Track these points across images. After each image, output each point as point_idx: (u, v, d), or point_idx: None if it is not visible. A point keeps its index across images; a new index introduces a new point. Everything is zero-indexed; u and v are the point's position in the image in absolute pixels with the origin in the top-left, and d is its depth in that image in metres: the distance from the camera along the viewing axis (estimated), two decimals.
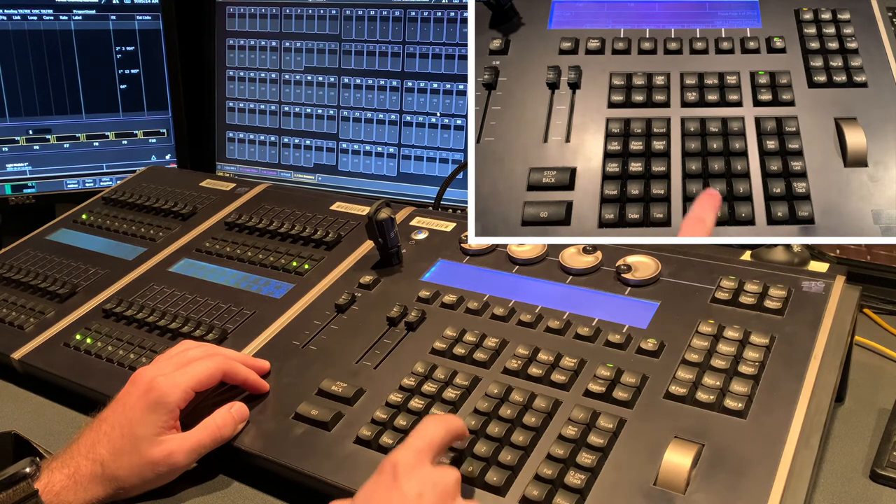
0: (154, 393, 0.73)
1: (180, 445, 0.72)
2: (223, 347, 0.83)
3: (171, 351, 0.79)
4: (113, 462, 0.71)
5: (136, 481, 0.71)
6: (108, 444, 0.71)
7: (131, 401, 0.73)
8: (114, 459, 0.71)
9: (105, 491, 0.71)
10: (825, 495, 0.69)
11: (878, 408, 0.81)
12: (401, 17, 1.33)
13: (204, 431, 0.73)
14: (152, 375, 0.74)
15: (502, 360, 0.76)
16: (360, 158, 1.39)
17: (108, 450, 0.71)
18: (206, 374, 0.75)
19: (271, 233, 1.06)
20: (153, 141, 1.49)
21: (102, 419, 0.74)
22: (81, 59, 1.42)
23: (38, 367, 0.91)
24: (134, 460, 0.71)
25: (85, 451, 0.72)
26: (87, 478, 0.71)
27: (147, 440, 0.71)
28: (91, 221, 1.20)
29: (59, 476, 0.70)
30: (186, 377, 0.74)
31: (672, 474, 0.62)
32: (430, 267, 0.92)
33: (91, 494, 0.70)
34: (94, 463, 0.71)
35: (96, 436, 0.72)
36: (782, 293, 0.76)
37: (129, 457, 0.71)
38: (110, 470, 0.70)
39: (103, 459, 0.71)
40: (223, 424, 0.74)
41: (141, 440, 0.71)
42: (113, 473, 0.70)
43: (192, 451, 0.72)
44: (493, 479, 0.64)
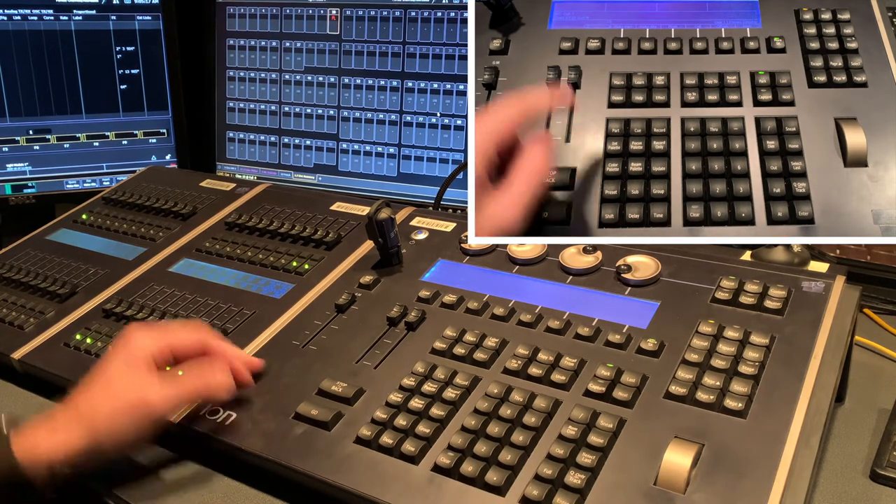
0: (131, 344, 0.73)
1: (159, 390, 0.70)
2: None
3: None
4: (87, 403, 0.69)
5: (113, 427, 0.68)
6: (84, 391, 0.71)
7: (108, 355, 0.74)
8: (88, 400, 0.70)
9: (80, 433, 0.68)
10: (825, 495, 0.69)
11: (878, 408, 0.81)
12: (401, 17, 1.33)
13: (189, 382, 0.73)
14: (130, 332, 0.75)
15: (502, 360, 0.76)
16: (360, 158, 1.39)
17: (84, 395, 0.70)
18: (185, 334, 0.75)
19: (271, 233, 1.06)
20: (153, 141, 1.49)
21: (84, 378, 0.73)
22: (81, 59, 1.42)
23: (38, 367, 0.91)
24: (109, 401, 0.69)
25: (62, 402, 0.71)
26: (61, 419, 0.69)
27: (122, 381, 0.70)
28: (91, 221, 1.20)
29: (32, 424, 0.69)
30: (164, 333, 0.74)
31: (672, 474, 0.62)
32: (430, 267, 0.92)
33: (66, 436, 0.68)
34: (69, 407, 0.70)
35: (75, 390, 0.72)
36: (782, 293, 0.76)
37: (104, 398, 0.69)
38: (85, 411, 0.69)
39: (78, 403, 0.70)
40: (215, 381, 0.74)
41: (116, 381, 0.70)
42: (88, 414, 0.69)
43: (170, 398, 0.71)
44: (493, 479, 0.64)
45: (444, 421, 0.70)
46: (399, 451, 0.69)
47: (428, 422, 0.70)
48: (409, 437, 0.69)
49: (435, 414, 0.71)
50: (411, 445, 0.68)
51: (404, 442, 0.69)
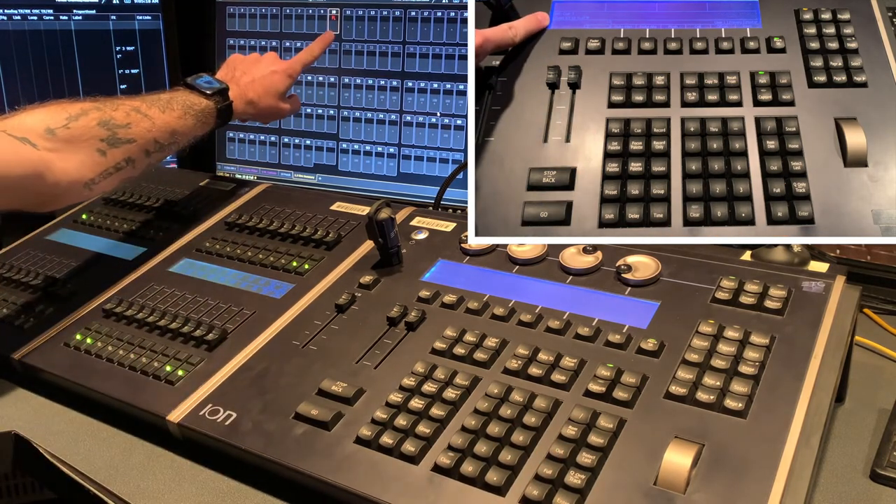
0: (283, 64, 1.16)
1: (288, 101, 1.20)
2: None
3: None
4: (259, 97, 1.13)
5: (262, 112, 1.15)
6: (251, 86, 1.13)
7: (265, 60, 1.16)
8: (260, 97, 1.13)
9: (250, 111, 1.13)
10: (825, 495, 0.69)
11: (878, 408, 0.81)
12: (401, 17, 1.33)
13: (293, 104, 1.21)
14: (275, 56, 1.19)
15: (502, 360, 0.76)
16: (360, 158, 1.39)
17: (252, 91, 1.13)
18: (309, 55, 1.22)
19: (271, 233, 1.06)
20: None
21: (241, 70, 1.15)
22: (81, 59, 1.42)
23: (38, 367, 0.91)
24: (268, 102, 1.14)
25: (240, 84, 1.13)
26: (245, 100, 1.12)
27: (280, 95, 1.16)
28: (91, 221, 1.20)
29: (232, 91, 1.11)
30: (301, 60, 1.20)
31: (672, 474, 0.62)
32: (430, 267, 0.92)
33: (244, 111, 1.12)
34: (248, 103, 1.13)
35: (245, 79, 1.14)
36: (782, 293, 0.76)
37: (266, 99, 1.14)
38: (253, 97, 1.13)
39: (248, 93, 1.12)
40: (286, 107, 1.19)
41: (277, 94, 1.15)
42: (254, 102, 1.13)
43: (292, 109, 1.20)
44: (493, 479, 0.64)
45: (445, 421, 0.70)
46: (399, 451, 0.69)
47: (428, 422, 0.70)
48: (410, 437, 0.69)
49: (435, 414, 0.71)
50: (411, 445, 0.68)
51: (404, 442, 0.69)
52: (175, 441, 0.80)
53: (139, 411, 0.82)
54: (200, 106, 1.05)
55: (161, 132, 0.99)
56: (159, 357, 0.87)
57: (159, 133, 0.99)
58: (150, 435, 0.81)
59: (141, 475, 0.76)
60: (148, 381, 0.84)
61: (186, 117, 1.03)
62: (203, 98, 1.06)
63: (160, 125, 0.99)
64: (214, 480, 0.75)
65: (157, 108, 1.00)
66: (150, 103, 1.00)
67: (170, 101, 1.02)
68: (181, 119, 1.02)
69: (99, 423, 0.85)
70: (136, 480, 0.75)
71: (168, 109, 1.01)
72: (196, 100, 1.05)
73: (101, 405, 0.86)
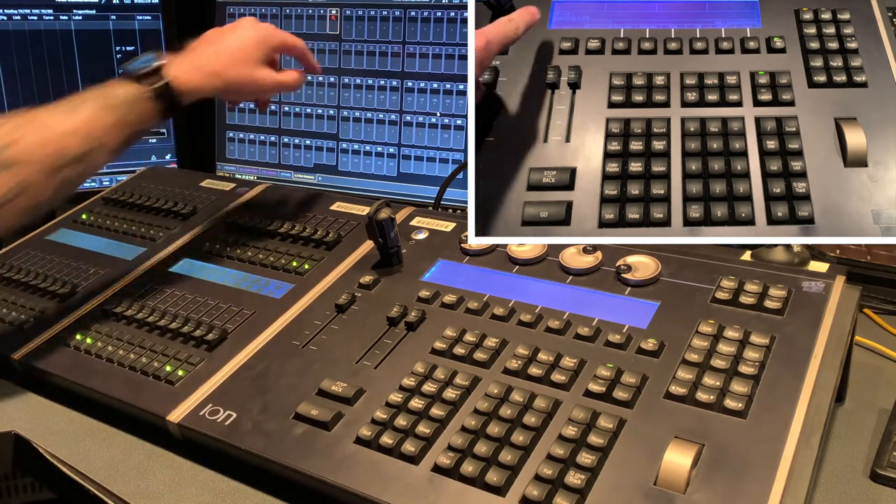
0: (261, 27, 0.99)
1: (272, 77, 0.99)
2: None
3: None
4: (223, 67, 0.95)
5: (236, 86, 0.97)
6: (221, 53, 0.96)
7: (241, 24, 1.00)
8: (225, 66, 0.95)
9: (213, 84, 0.94)
10: (825, 495, 0.69)
11: (878, 408, 0.81)
12: (401, 17, 1.33)
13: (284, 76, 1.00)
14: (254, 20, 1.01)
15: (502, 360, 0.76)
16: (360, 158, 1.39)
17: (221, 60, 0.95)
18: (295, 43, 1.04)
19: (271, 233, 1.06)
20: (153, 141, 1.49)
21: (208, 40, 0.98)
22: (81, 59, 1.42)
23: (38, 367, 0.91)
24: (241, 71, 0.96)
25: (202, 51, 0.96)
26: (205, 69, 0.94)
27: (254, 62, 0.97)
28: (91, 221, 1.20)
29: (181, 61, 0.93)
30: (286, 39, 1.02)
31: (672, 474, 0.62)
32: (430, 267, 0.92)
33: (202, 82, 0.93)
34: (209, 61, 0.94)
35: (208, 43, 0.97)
36: (782, 293, 0.76)
37: (240, 67, 0.96)
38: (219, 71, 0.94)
39: (213, 62, 0.94)
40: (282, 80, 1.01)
41: (250, 60, 0.96)
42: (221, 75, 0.94)
43: (276, 85, 1.00)
44: (493, 479, 0.64)
45: (445, 421, 0.70)
46: (399, 451, 0.69)
47: (428, 422, 0.70)
48: (410, 437, 0.69)
49: (435, 414, 0.71)
50: (411, 445, 0.68)
51: (404, 442, 0.69)
52: (175, 441, 0.80)
53: (139, 411, 0.82)
54: (127, 94, 0.87)
55: (67, 141, 0.82)
56: (159, 357, 0.87)
57: (62, 144, 0.82)
58: (150, 435, 0.81)
59: (141, 475, 0.76)
60: (148, 381, 0.84)
61: (104, 113, 0.85)
62: (131, 83, 0.88)
63: (62, 132, 0.82)
64: (214, 480, 0.75)
65: (62, 112, 0.84)
66: (54, 109, 0.84)
67: (84, 100, 0.86)
68: (97, 118, 0.85)
69: (99, 423, 0.85)
70: (136, 480, 0.75)
71: (77, 110, 0.84)
72: (122, 89, 0.88)
73: (101, 405, 0.86)
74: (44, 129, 0.81)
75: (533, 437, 0.67)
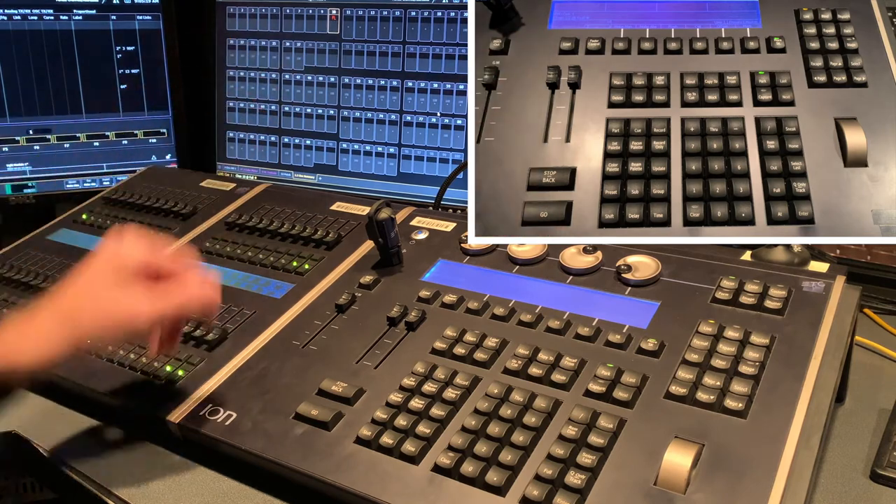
0: (122, 251, 0.71)
1: (144, 305, 0.69)
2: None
3: None
4: (73, 311, 0.68)
5: (96, 329, 0.68)
6: (69, 290, 0.70)
7: (98, 257, 0.71)
8: (74, 309, 0.68)
9: (63, 341, 0.67)
10: (825, 495, 0.69)
11: (878, 408, 0.81)
12: (401, 17, 1.33)
13: (169, 299, 0.70)
14: (121, 236, 0.72)
15: (502, 360, 0.76)
16: (360, 158, 1.39)
17: (68, 295, 0.69)
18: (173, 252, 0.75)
19: (271, 233, 1.06)
20: (153, 141, 1.49)
21: (68, 276, 0.72)
22: (81, 59, 1.42)
23: None
24: (94, 308, 0.68)
25: (45, 299, 0.70)
26: (46, 324, 0.68)
27: (108, 290, 0.69)
28: (91, 221, 1.20)
29: (15, 326, 0.68)
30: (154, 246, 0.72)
31: (672, 474, 0.62)
32: (430, 267, 0.92)
33: (49, 344, 0.67)
34: (54, 312, 0.68)
35: (58, 287, 0.71)
36: (782, 293, 0.76)
37: (91, 304, 0.68)
38: (71, 319, 0.68)
39: (63, 308, 0.69)
40: (190, 298, 0.72)
41: (104, 291, 0.69)
42: (73, 323, 0.68)
43: (153, 313, 0.70)
44: (493, 479, 0.64)
45: (445, 421, 0.70)
46: (399, 451, 0.69)
47: (428, 422, 0.70)
48: (410, 438, 0.69)
49: (435, 414, 0.71)
50: (411, 445, 0.68)
51: (404, 442, 0.69)
52: (175, 441, 0.79)
53: (139, 411, 0.82)
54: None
55: None
56: (159, 357, 0.87)
57: None
58: (150, 435, 0.81)
59: (141, 475, 0.76)
60: (148, 381, 0.84)
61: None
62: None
63: None
64: (214, 480, 0.75)
65: None
66: None
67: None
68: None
69: (99, 423, 0.85)
70: (136, 480, 0.75)
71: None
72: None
73: (101, 405, 0.86)
74: None
75: (533, 437, 0.67)
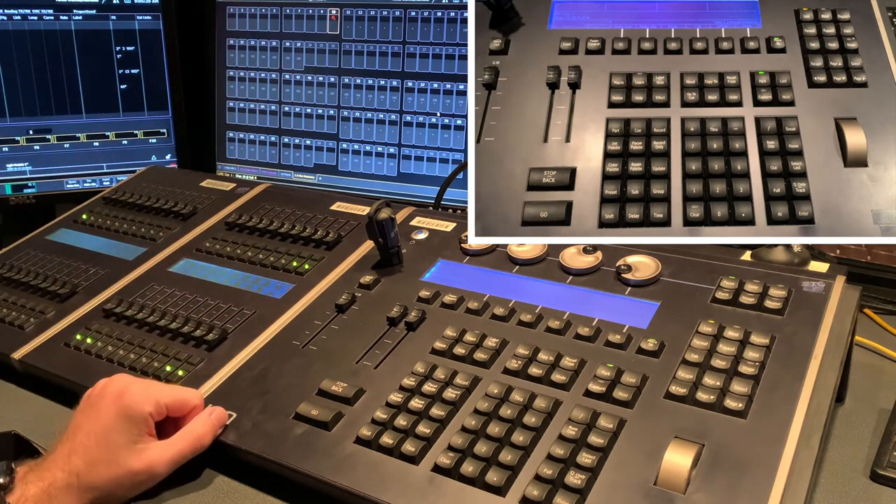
0: (131, 406, 0.71)
1: (161, 455, 0.71)
2: None
3: None
4: (89, 472, 0.68)
5: (115, 490, 0.69)
6: (83, 455, 0.69)
7: (104, 405, 0.71)
8: (90, 469, 0.68)
9: (81, 502, 0.68)
10: (825, 495, 0.69)
11: (878, 408, 0.81)
12: (401, 17, 1.33)
13: (184, 441, 0.72)
14: (125, 388, 0.72)
15: (502, 360, 0.76)
16: (360, 158, 1.39)
17: (83, 460, 0.69)
18: (174, 393, 0.75)
19: (271, 233, 1.06)
20: (153, 141, 1.49)
21: (77, 426, 0.71)
22: (81, 59, 1.42)
23: (38, 367, 0.91)
24: (112, 470, 0.69)
25: (61, 462, 0.69)
26: (62, 490, 0.68)
27: (125, 449, 0.70)
28: (91, 221, 1.20)
29: (33, 489, 0.67)
30: (158, 393, 0.73)
31: (672, 474, 0.62)
32: (430, 267, 0.92)
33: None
34: (70, 475, 0.68)
35: (72, 445, 0.70)
36: (782, 293, 0.76)
37: (107, 467, 0.69)
38: (86, 480, 0.68)
39: (79, 470, 0.68)
40: (203, 433, 0.74)
41: (118, 449, 0.69)
42: (89, 484, 0.68)
43: (172, 461, 0.71)
44: (493, 479, 0.64)
45: (445, 421, 0.70)
46: (399, 451, 0.69)
47: (428, 422, 0.70)
48: (410, 438, 0.69)
49: (435, 414, 0.71)
50: (411, 445, 0.68)
51: (404, 442, 0.69)
52: None
53: None
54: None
55: None
56: (159, 357, 0.87)
57: None
58: None
59: None
60: None
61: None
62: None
63: None
64: (215, 481, 0.75)
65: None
66: None
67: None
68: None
69: None
70: None
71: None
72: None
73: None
74: None
75: (533, 437, 0.67)
